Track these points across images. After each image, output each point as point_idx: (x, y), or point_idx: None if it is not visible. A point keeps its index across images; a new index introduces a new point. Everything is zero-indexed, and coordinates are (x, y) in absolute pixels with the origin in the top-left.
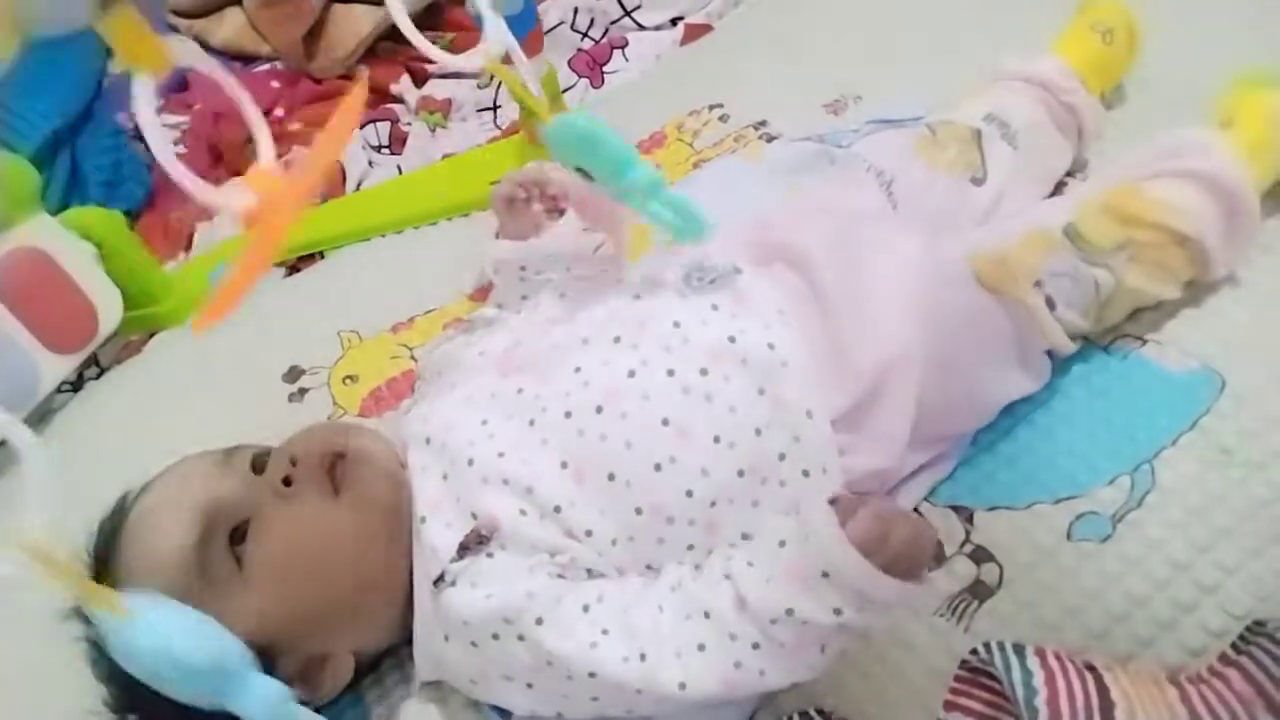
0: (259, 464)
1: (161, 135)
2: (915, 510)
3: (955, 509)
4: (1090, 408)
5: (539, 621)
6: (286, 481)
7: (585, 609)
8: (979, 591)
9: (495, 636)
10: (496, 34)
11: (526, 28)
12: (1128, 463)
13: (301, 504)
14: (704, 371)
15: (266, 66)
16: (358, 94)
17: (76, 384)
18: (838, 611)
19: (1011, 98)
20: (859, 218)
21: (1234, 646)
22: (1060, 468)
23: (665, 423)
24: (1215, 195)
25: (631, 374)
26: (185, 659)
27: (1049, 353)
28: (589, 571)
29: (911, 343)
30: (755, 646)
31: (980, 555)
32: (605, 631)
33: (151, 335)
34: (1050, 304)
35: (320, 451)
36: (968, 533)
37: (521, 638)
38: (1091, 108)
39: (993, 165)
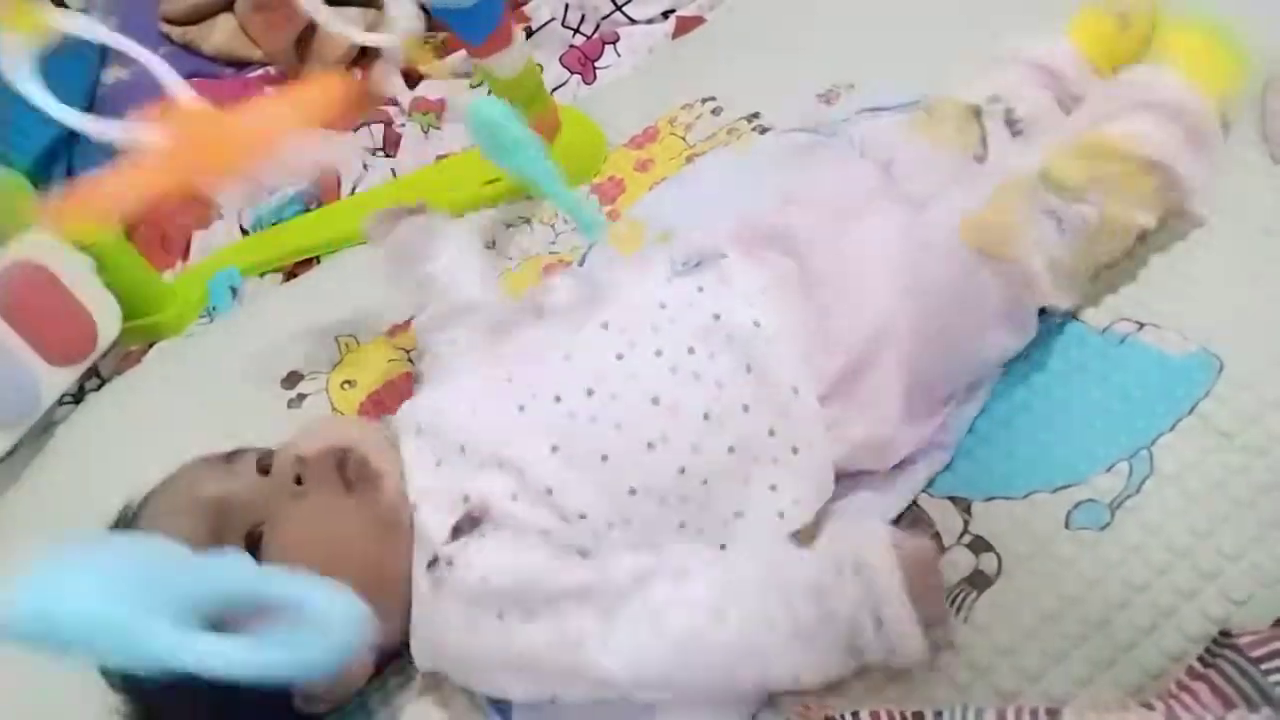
0: (264, 466)
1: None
2: (914, 503)
3: (953, 500)
4: (1088, 394)
5: (543, 603)
6: (298, 480)
7: (587, 590)
8: (978, 582)
9: (500, 616)
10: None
11: (491, 23)
12: (1126, 449)
13: (317, 501)
14: (691, 350)
15: (259, 71)
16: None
17: (78, 396)
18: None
19: (1018, 83)
20: (846, 196)
21: (1201, 660)
22: (1058, 456)
23: (655, 401)
24: (1173, 119)
25: (620, 356)
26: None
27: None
28: (584, 552)
29: (895, 312)
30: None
31: (979, 546)
32: (606, 619)
33: (151, 345)
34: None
35: (329, 448)
36: (966, 523)
37: (525, 619)
38: None
39: (994, 144)
